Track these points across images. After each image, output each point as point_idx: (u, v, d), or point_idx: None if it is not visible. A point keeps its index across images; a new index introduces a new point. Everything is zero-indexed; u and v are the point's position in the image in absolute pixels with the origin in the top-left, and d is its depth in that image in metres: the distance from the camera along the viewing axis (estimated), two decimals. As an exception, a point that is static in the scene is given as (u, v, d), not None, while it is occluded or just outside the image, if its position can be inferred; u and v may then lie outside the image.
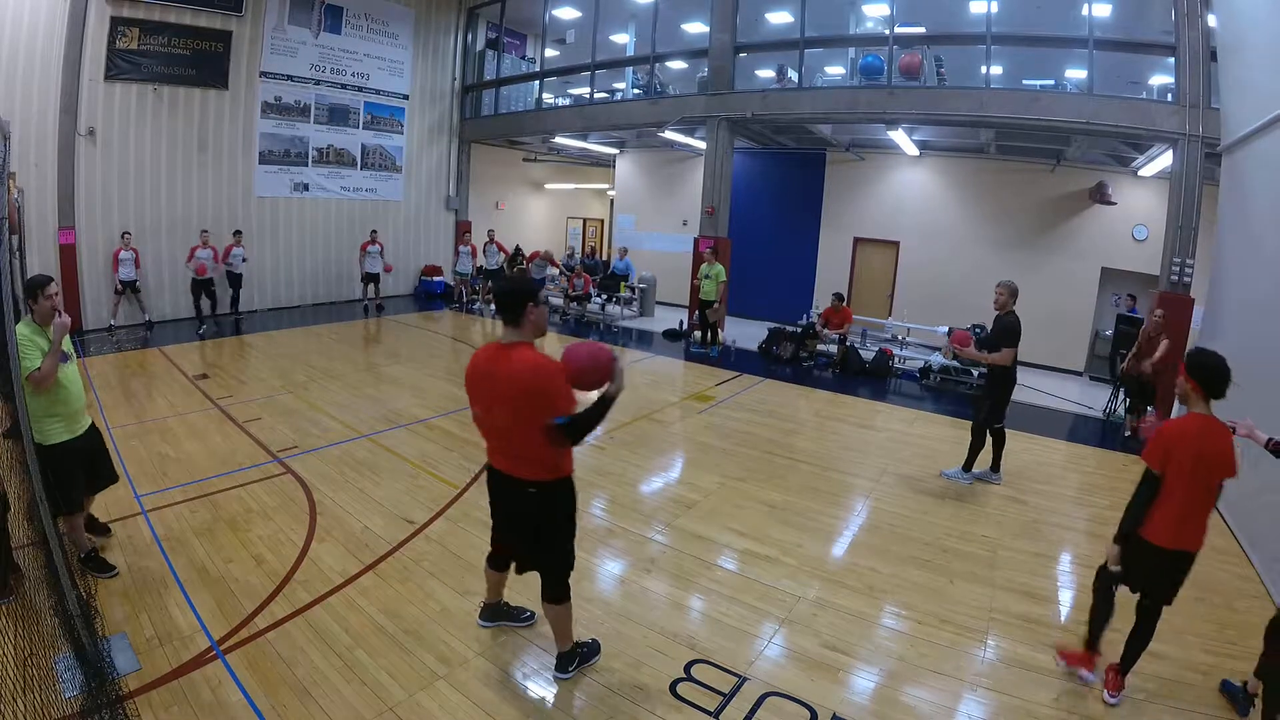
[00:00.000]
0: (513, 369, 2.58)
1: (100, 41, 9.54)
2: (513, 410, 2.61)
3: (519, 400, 2.58)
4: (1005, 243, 11.42)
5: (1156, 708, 2.98)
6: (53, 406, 3.32)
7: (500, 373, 2.60)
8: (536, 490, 2.75)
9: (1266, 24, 5.64)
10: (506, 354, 2.61)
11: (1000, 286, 5.22)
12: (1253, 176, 6.33)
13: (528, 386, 2.56)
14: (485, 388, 2.67)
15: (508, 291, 2.68)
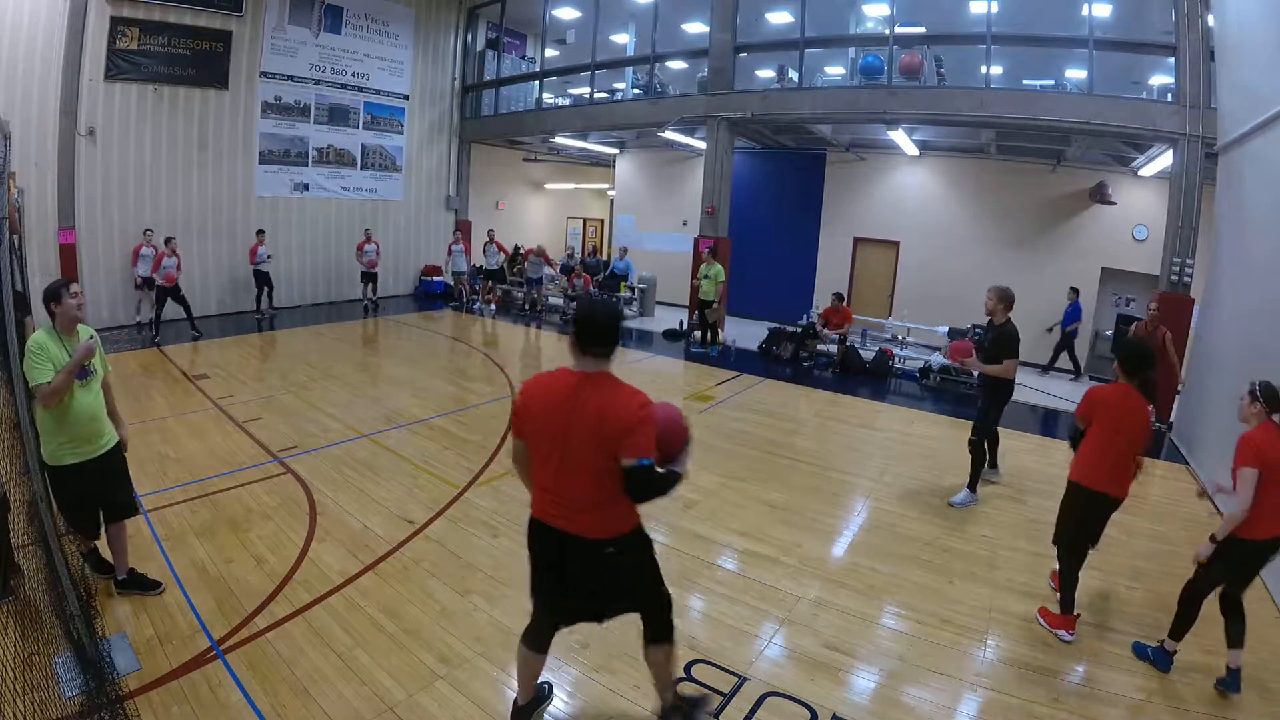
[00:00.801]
0: (610, 401, 2.19)
1: (100, 41, 9.54)
2: (597, 450, 2.19)
3: (611, 439, 2.16)
4: (1005, 243, 11.43)
5: (1155, 707, 2.98)
6: (58, 426, 3.04)
7: (593, 405, 2.19)
8: (616, 549, 2.31)
9: (1262, 24, 5.65)
10: (595, 386, 2.23)
11: (990, 292, 4.93)
12: (1248, 176, 6.33)
13: (623, 418, 2.16)
14: (561, 423, 2.24)
15: (605, 321, 2.24)
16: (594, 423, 2.18)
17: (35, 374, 2.89)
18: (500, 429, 6.37)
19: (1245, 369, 5.55)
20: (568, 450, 2.24)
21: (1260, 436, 3.00)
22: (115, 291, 10.17)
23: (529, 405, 2.36)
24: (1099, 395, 3.57)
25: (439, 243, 15.11)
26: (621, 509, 2.31)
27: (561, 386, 2.28)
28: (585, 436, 2.20)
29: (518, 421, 2.42)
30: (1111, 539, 4.72)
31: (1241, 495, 2.93)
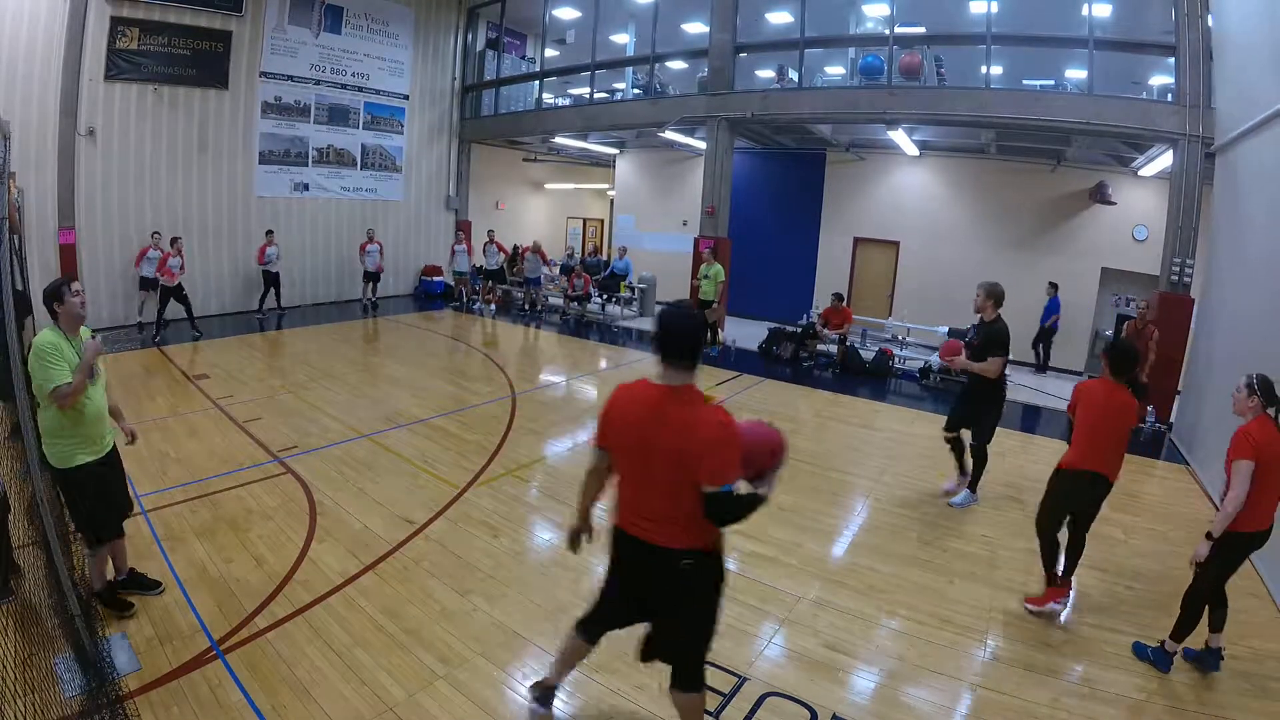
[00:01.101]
0: (691, 418, 2.14)
1: (100, 41, 9.53)
2: (677, 465, 2.13)
3: (691, 457, 2.10)
4: (1005, 243, 11.43)
5: (1155, 707, 2.98)
6: (72, 427, 3.00)
7: (674, 419, 2.15)
8: (693, 562, 2.24)
9: (1262, 25, 5.65)
10: (679, 400, 2.17)
11: (979, 289, 4.81)
12: (1246, 176, 6.34)
13: (704, 439, 2.10)
14: (644, 433, 2.20)
15: (689, 331, 2.19)
16: (675, 439, 2.14)
17: (54, 374, 2.84)
18: (500, 429, 6.37)
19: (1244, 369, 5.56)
20: (648, 464, 2.21)
21: (1257, 430, 3.02)
22: (115, 291, 10.17)
23: (612, 416, 2.32)
24: (1085, 386, 3.86)
25: (439, 243, 15.11)
26: (705, 526, 2.23)
27: (645, 398, 2.24)
28: (665, 451, 2.16)
29: (601, 430, 2.38)
30: (1112, 539, 4.74)
31: (1237, 488, 2.94)
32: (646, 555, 2.26)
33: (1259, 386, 3.11)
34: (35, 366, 2.84)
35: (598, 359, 10.33)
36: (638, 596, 2.40)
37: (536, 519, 4.66)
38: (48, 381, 2.84)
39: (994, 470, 5.97)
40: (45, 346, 2.88)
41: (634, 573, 2.37)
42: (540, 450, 5.96)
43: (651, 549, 2.25)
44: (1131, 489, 5.85)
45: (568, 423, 6.86)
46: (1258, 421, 3.05)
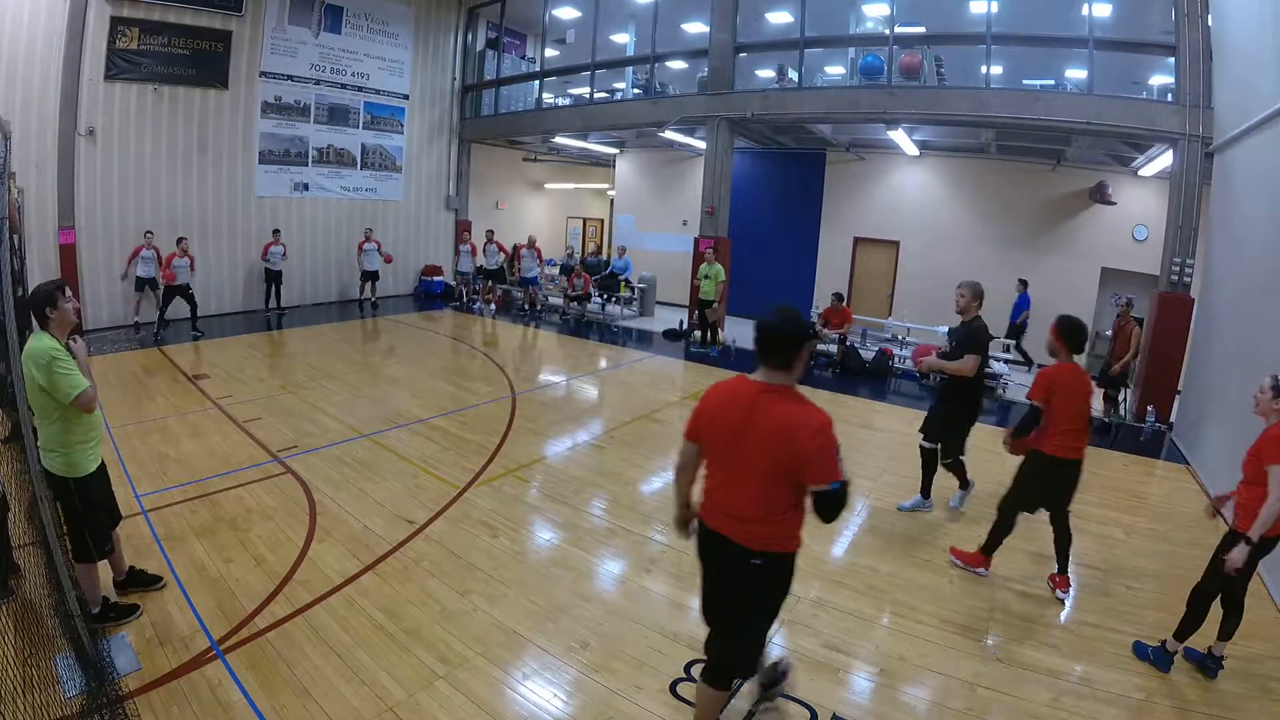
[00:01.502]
0: (788, 420, 2.15)
1: (100, 41, 9.54)
2: (771, 464, 2.18)
3: (784, 455, 2.15)
4: (1005, 242, 11.43)
5: (1155, 707, 2.98)
6: (83, 433, 2.95)
7: (769, 418, 2.18)
8: (762, 563, 2.25)
9: (1257, 25, 5.65)
10: (774, 399, 2.19)
11: (962, 288, 4.58)
12: (1244, 176, 6.34)
13: (803, 443, 2.12)
14: (738, 431, 2.23)
15: (786, 334, 2.21)
16: (771, 437, 2.17)
17: (75, 380, 2.80)
18: (500, 429, 6.37)
19: (1244, 369, 5.56)
20: (740, 460, 2.24)
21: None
22: (115, 291, 10.16)
23: (706, 411, 2.38)
24: (1057, 374, 3.77)
25: (439, 243, 15.12)
26: (782, 529, 2.25)
27: (740, 396, 2.27)
28: (758, 448, 2.19)
29: (693, 425, 2.43)
30: (1112, 539, 4.74)
31: (1276, 492, 2.84)
32: (725, 550, 2.30)
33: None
34: (49, 377, 2.74)
35: (598, 359, 10.33)
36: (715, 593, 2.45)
37: (536, 519, 4.66)
38: (72, 389, 2.78)
39: (992, 470, 5.97)
40: (54, 353, 2.78)
41: (715, 567, 2.41)
42: (540, 450, 5.96)
43: (728, 544, 2.28)
44: (1132, 489, 5.86)
45: (568, 423, 6.86)
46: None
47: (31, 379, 2.75)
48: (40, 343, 2.81)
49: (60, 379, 2.77)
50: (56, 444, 2.89)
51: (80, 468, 2.96)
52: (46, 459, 2.86)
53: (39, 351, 2.76)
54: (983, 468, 5.36)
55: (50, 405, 2.82)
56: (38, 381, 2.75)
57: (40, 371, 2.74)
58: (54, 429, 2.87)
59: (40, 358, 2.75)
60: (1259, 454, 2.97)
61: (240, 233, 11.59)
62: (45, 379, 2.75)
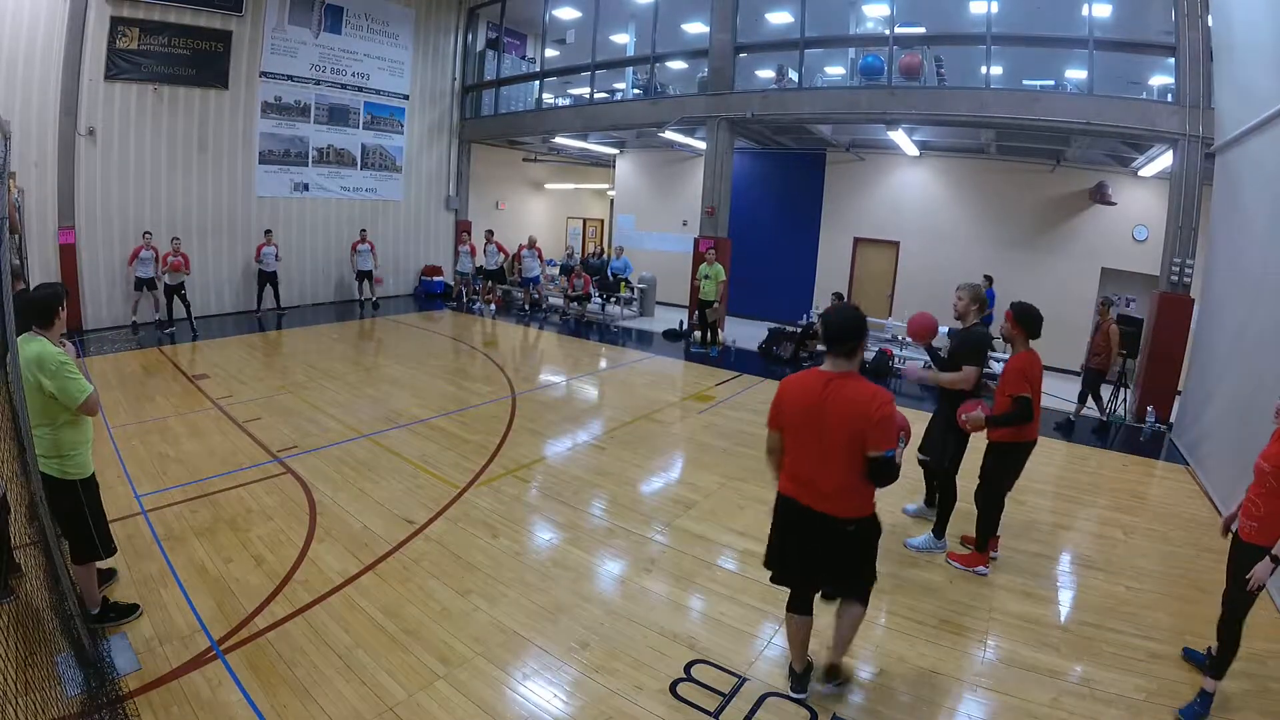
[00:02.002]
0: (856, 396, 2.52)
1: (100, 41, 9.54)
2: (848, 438, 2.52)
3: (857, 426, 2.50)
4: (1005, 243, 11.43)
5: (1156, 707, 2.98)
6: (84, 434, 2.98)
7: (841, 399, 2.53)
8: (855, 529, 2.67)
9: (1262, 24, 5.65)
10: (843, 383, 2.55)
11: (960, 291, 4.22)
12: (1245, 177, 6.34)
13: (870, 414, 2.48)
14: (816, 415, 2.57)
15: (850, 327, 2.57)
16: (847, 412, 2.52)
17: (82, 384, 2.83)
18: (500, 429, 6.37)
19: (1244, 370, 5.56)
20: (824, 440, 2.58)
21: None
22: (115, 292, 10.17)
23: (786, 401, 2.71)
24: (1028, 362, 3.80)
25: (439, 243, 15.12)
26: (866, 493, 2.65)
27: (813, 384, 2.61)
28: (836, 428, 2.55)
29: (774, 415, 2.77)
30: (1112, 539, 4.74)
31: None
32: (820, 524, 2.65)
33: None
34: (58, 381, 2.75)
35: (598, 359, 10.33)
36: (810, 556, 2.76)
37: (536, 519, 4.66)
38: (80, 393, 2.80)
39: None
40: (61, 358, 2.79)
41: (806, 538, 2.73)
42: (540, 450, 5.96)
43: (824, 519, 2.64)
44: (1132, 489, 5.86)
45: (568, 423, 6.86)
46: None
47: (35, 384, 2.71)
48: (44, 348, 2.78)
49: (69, 383, 2.78)
50: (66, 448, 2.88)
51: (87, 468, 3.00)
52: (49, 465, 2.82)
53: (46, 357, 2.75)
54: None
55: (56, 410, 2.81)
56: (45, 387, 2.73)
57: (50, 377, 2.73)
58: (62, 434, 2.86)
59: (49, 363, 2.74)
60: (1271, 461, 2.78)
61: (240, 233, 11.60)
62: (55, 385, 2.75)
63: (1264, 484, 2.80)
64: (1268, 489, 2.78)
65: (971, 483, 4.23)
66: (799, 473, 2.69)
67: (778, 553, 2.86)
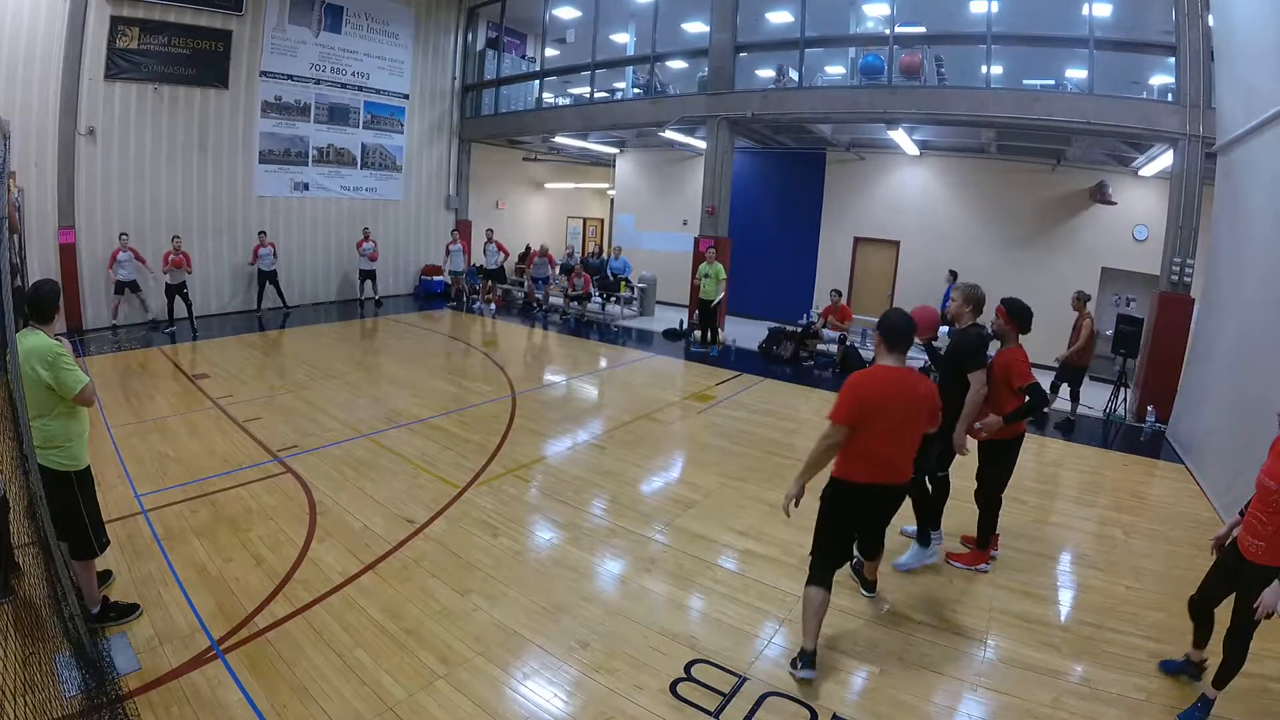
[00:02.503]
0: (927, 387, 3.09)
1: (100, 41, 9.54)
2: (926, 423, 3.10)
3: (930, 413, 3.10)
4: (1005, 242, 11.42)
5: (1156, 707, 2.98)
6: (79, 426, 3.04)
7: (920, 392, 3.03)
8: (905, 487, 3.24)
9: (1260, 24, 5.65)
10: (914, 376, 3.04)
11: (955, 293, 4.04)
12: (1247, 176, 6.34)
13: (935, 402, 3.13)
14: (905, 404, 2.98)
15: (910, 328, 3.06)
16: (927, 403, 3.06)
17: (79, 375, 2.91)
18: (500, 428, 6.37)
19: (1242, 370, 5.56)
20: (907, 426, 3.03)
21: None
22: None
23: (870, 398, 2.96)
24: (1017, 357, 3.82)
25: (439, 243, 15.12)
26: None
27: (896, 380, 3.00)
28: (920, 413, 3.04)
29: (854, 412, 2.95)
30: (1112, 539, 4.74)
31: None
32: (893, 494, 3.17)
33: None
34: (55, 373, 2.83)
35: (598, 359, 10.33)
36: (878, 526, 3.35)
37: (536, 519, 4.66)
38: (76, 384, 2.88)
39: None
40: (59, 350, 2.87)
41: (879, 509, 3.23)
42: (540, 450, 5.96)
43: (896, 489, 3.16)
44: (1132, 489, 5.86)
45: (568, 422, 6.86)
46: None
47: (35, 377, 2.78)
48: (41, 341, 2.86)
49: (66, 374, 2.85)
50: (60, 439, 2.93)
51: (81, 460, 3.04)
52: (45, 457, 2.86)
53: (44, 349, 2.82)
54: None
55: (53, 401, 2.88)
56: (43, 379, 2.80)
57: (46, 369, 2.80)
58: (57, 424, 2.92)
59: (46, 355, 2.81)
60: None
61: (240, 232, 11.60)
62: (52, 375, 2.82)
63: (1270, 502, 2.66)
64: (1274, 507, 2.64)
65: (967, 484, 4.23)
66: (880, 456, 3.01)
67: (835, 537, 3.18)
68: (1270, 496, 2.65)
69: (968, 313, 4.00)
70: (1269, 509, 2.66)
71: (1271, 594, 2.56)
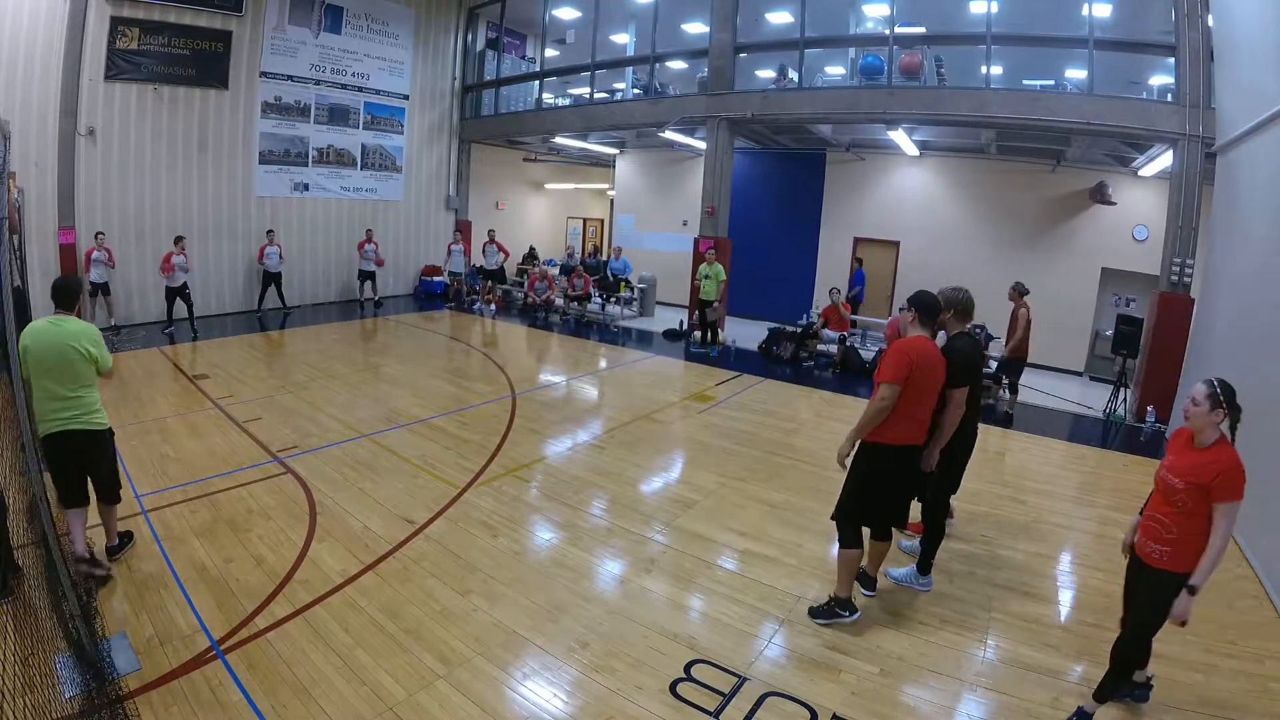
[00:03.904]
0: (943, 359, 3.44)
1: (100, 41, 9.54)
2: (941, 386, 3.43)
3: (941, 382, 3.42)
4: (1006, 243, 11.43)
5: (1156, 707, 2.98)
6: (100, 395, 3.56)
7: (940, 360, 3.40)
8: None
9: (1260, 24, 5.65)
10: (934, 345, 3.43)
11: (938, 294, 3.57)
12: (1247, 176, 6.34)
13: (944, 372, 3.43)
14: (935, 369, 3.35)
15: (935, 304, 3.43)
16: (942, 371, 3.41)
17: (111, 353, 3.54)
18: (500, 429, 6.37)
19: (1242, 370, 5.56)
20: (933, 391, 3.37)
21: (1237, 459, 2.41)
22: (114, 291, 10.14)
23: (921, 363, 3.27)
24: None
25: (439, 243, 15.12)
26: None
27: (932, 349, 3.38)
28: (940, 380, 3.40)
29: (907, 373, 3.22)
30: (1112, 539, 4.73)
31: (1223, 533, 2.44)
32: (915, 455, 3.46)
33: (1225, 398, 2.48)
34: (100, 350, 3.43)
35: (598, 359, 10.33)
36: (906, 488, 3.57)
37: (536, 519, 4.66)
38: (110, 360, 3.53)
39: (994, 471, 5.98)
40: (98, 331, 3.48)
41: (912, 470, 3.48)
42: (540, 450, 5.96)
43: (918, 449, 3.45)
44: (1132, 489, 5.86)
45: (568, 423, 6.86)
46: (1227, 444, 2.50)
47: (83, 354, 3.33)
48: (83, 324, 3.43)
49: (105, 352, 3.47)
50: (98, 405, 3.49)
51: (105, 422, 3.55)
52: (91, 420, 3.42)
53: (90, 331, 3.42)
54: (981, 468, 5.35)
55: (93, 374, 3.43)
56: (91, 354, 3.37)
57: (95, 346, 3.40)
58: (95, 394, 3.48)
59: (93, 335, 3.42)
60: (1205, 485, 2.44)
61: (240, 233, 11.60)
62: (98, 351, 3.41)
63: (1173, 501, 2.52)
64: (1179, 508, 2.50)
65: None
66: (920, 418, 3.37)
67: (870, 501, 3.45)
68: (1174, 495, 2.53)
69: (950, 320, 3.68)
70: (1174, 509, 2.53)
71: (1182, 603, 2.49)
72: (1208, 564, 2.45)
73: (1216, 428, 2.52)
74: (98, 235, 9.70)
